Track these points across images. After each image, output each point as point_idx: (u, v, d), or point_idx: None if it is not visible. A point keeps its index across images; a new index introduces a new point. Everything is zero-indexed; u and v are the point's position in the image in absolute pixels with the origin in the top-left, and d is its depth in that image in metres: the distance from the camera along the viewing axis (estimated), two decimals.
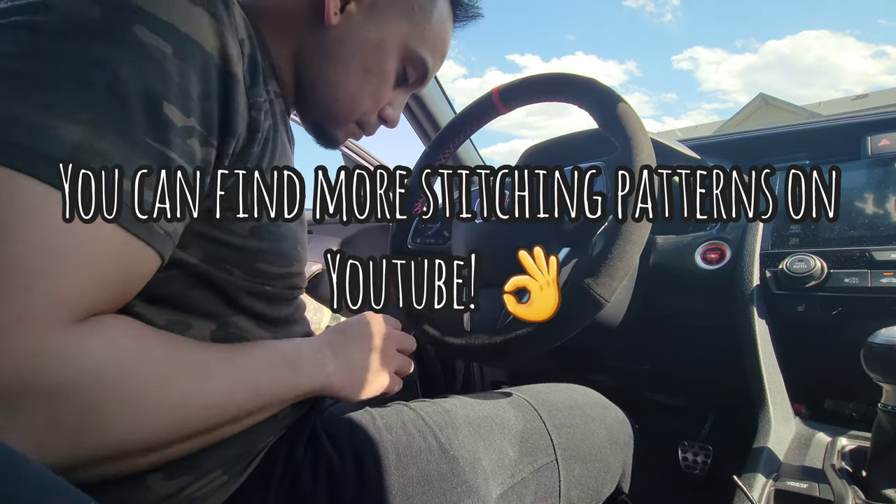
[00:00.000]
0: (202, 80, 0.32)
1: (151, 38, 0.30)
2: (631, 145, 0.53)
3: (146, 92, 0.29)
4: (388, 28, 0.48)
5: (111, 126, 0.28)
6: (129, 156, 0.28)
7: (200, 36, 0.32)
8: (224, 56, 0.33)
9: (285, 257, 0.43)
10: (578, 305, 0.51)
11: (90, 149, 0.27)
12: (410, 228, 0.80)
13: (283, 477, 0.43)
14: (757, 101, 16.17)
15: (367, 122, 0.53)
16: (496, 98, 0.70)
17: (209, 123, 0.33)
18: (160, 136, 0.30)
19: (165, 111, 0.30)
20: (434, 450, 0.48)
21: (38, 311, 0.25)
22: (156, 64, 0.30)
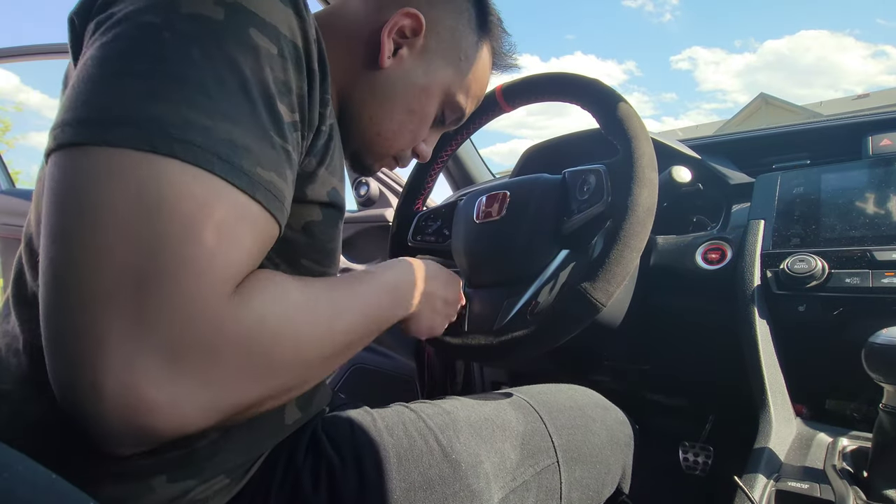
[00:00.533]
0: (298, 77, 0.35)
1: (262, 40, 0.32)
2: (632, 149, 0.53)
3: (265, 91, 0.32)
4: (435, 74, 0.52)
5: (249, 124, 0.31)
6: (264, 149, 0.32)
7: (293, 35, 0.35)
8: (308, 53, 0.36)
9: (329, 257, 0.46)
10: (575, 309, 0.51)
11: (241, 145, 0.31)
12: (411, 227, 0.80)
13: (283, 480, 0.43)
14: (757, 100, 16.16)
15: (402, 156, 0.57)
16: (499, 96, 0.70)
17: (304, 118, 0.36)
18: (280, 131, 0.33)
19: (279, 109, 0.33)
20: (435, 453, 0.47)
21: (220, 285, 0.29)
22: (267, 65, 0.33)
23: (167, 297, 0.27)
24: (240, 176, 0.30)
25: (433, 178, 0.81)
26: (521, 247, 0.64)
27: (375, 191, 1.41)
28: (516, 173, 1.05)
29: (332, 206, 0.44)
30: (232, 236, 0.30)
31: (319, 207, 0.42)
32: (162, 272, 0.27)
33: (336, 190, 0.44)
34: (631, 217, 0.51)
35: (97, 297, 0.27)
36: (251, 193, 0.31)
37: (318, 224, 0.42)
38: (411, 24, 0.49)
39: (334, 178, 0.43)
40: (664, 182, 0.68)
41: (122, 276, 0.27)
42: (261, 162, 0.32)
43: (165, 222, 0.28)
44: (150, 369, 0.27)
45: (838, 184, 0.68)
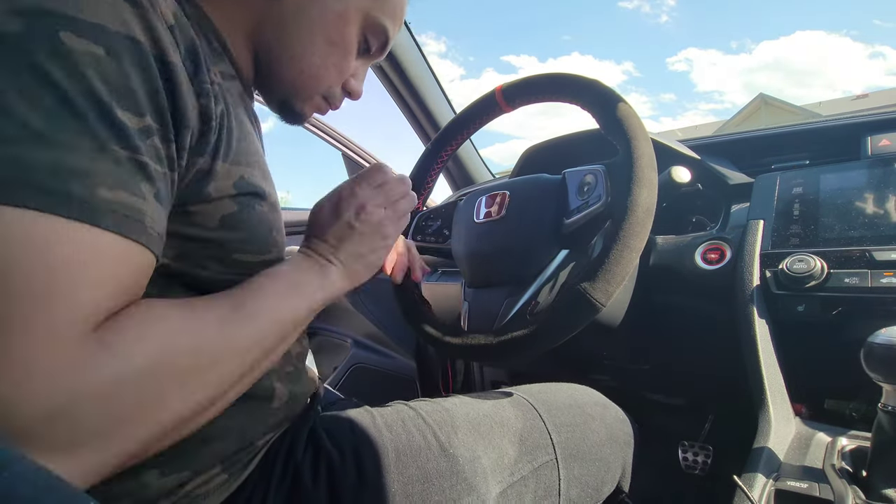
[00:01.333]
0: (143, 75, 0.31)
1: (78, 43, 0.28)
2: (631, 149, 0.53)
3: (95, 101, 0.28)
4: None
5: (79, 144, 0.28)
6: (104, 167, 0.28)
7: (128, 28, 0.30)
8: (157, 46, 0.32)
9: (263, 243, 0.42)
10: (575, 309, 0.51)
11: (69, 169, 0.27)
12: (411, 227, 0.80)
13: (283, 475, 0.44)
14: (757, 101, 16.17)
15: (332, 94, 0.51)
16: (499, 97, 0.70)
17: (164, 119, 0.32)
18: (125, 141, 0.29)
19: (119, 116, 0.29)
20: (433, 448, 0.48)
21: (62, 330, 0.26)
22: (92, 70, 0.28)
23: (5, 367, 0.24)
24: (69, 205, 0.26)
25: (434, 177, 0.81)
26: (520, 247, 0.64)
27: None
28: (516, 173, 1.05)
29: (245, 194, 0.39)
30: (73, 276, 0.26)
31: (230, 199, 0.38)
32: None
33: (245, 179, 0.40)
34: (630, 217, 0.51)
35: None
36: (93, 222, 0.27)
37: (234, 215, 0.39)
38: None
39: (240, 167, 0.39)
40: (664, 182, 0.68)
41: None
42: (101, 182, 0.28)
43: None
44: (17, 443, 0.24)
45: (837, 184, 0.68)
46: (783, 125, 0.88)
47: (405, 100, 1.26)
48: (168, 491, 0.37)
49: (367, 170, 0.50)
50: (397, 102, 1.28)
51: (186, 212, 0.36)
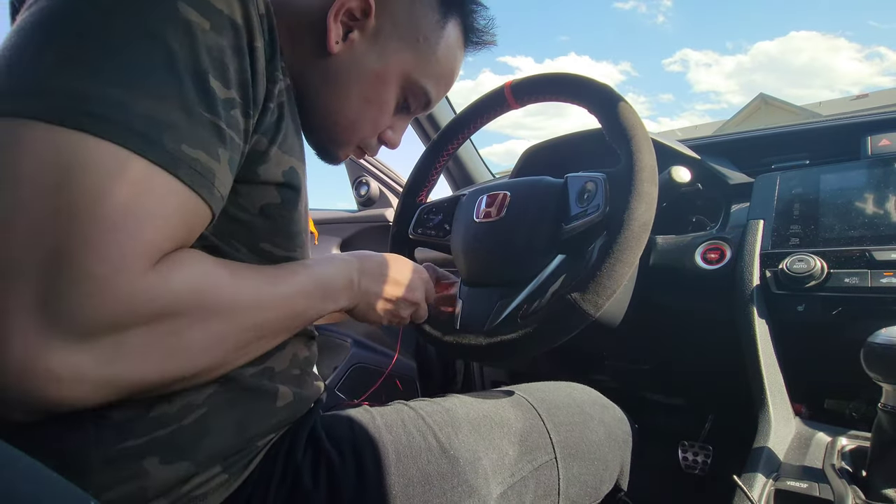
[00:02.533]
0: (236, 53, 0.34)
1: (191, 14, 0.32)
2: (633, 161, 0.53)
3: (195, 67, 0.32)
4: (390, 58, 0.48)
5: (174, 100, 0.31)
6: (191, 126, 0.31)
7: (230, 10, 0.34)
8: (250, 30, 0.35)
9: (291, 240, 0.44)
10: (564, 318, 0.51)
11: (163, 121, 0.30)
12: (412, 219, 0.80)
13: (283, 476, 0.43)
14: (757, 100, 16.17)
15: (367, 144, 0.54)
16: (508, 93, 0.70)
17: (246, 95, 0.35)
18: (212, 108, 0.33)
19: (211, 84, 0.32)
20: (434, 449, 0.48)
21: (129, 262, 0.29)
22: (198, 40, 0.32)
23: (72, 275, 0.27)
24: (158, 152, 0.30)
25: (438, 170, 0.81)
26: (517, 249, 0.64)
27: (375, 191, 1.41)
28: (516, 173, 1.05)
29: (289, 186, 0.42)
30: (143, 214, 0.29)
31: (276, 188, 0.41)
32: (69, 247, 0.27)
33: (294, 170, 0.42)
34: (625, 231, 0.51)
35: (1, 270, 0.27)
36: (172, 170, 0.30)
37: (276, 206, 0.41)
38: (359, 4, 0.46)
39: (291, 158, 0.42)
40: (663, 182, 0.68)
41: (27, 250, 0.27)
42: (185, 139, 0.31)
43: (69, 196, 0.27)
44: (51, 344, 0.27)
45: (837, 184, 0.68)
46: (783, 125, 0.88)
47: None
48: (170, 484, 0.36)
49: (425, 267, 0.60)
50: None
51: (234, 190, 0.38)
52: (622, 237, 0.50)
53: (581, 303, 0.50)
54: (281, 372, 0.45)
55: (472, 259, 0.69)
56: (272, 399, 0.44)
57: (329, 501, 0.43)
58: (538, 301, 0.60)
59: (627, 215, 0.51)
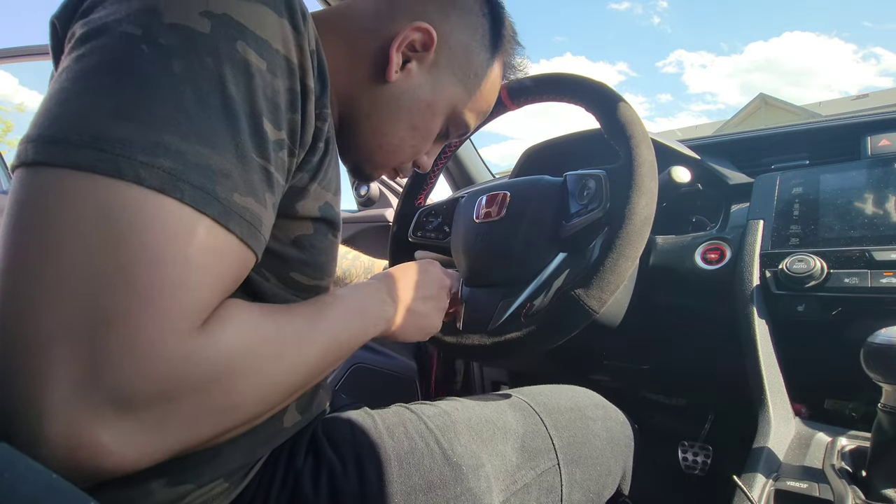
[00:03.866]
0: (289, 94, 0.33)
1: (250, 55, 0.31)
2: (633, 157, 0.53)
3: (251, 110, 0.31)
4: (442, 91, 0.50)
5: (228, 146, 0.30)
6: (243, 173, 0.30)
7: (286, 50, 0.33)
8: (303, 69, 0.34)
9: (320, 270, 0.44)
10: (568, 315, 0.51)
11: (218, 170, 0.29)
12: (412, 222, 0.80)
13: (283, 483, 0.43)
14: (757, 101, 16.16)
15: (403, 168, 0.55)
16: (504, 94, 0.70)
17: (294, 136, 0.35)
18: (263, 151, 0.32)
19: (264, 127, 0.32)
20: (436, 455, 0.47)
21: (183, 323, 0.28)
22: (255, 81, 0.31)
23: (123, 340, 0.26)
24: (212, 204, 0.29)
25: (436, 172, 0.81)
26: (519, 248, 0.64)
27: (375, 191, 1.41)
28: (516, 173, 1.05)
29: (324, 220, 0.42)
30: (200, 270, 0.28)
31: (310, 222, 0.41)
32: (119, 309, 0.26)
33: (329, 205, 0.42)
34: (627, 226, 0.51)
35: (46, 336, 0.25)
36: (225, 224, 0.29)
37: (308, 237, 0.41)
38: (422, 38, 0.46)
39: (328, 193, 0.42)
40: (663, 182, 0.68)
41: (75, 312, 0.25)
42: (238, 188, 0.30)
43: (125, 255, 0.26)
44: (98, 414, 0.25)
45: (837, 184, 0.68)
46: (783, 125, 0.88)
47: None
48: (170, 501, 0.36)
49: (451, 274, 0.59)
50: None
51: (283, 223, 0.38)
52: (624, 232, 0.50)
53: (585, 299, 0.50)
54: None
55: (473, 260, 0.69)
56: (280, 421, 0.44)
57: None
58: (541, 299, 0.60)
59: (629, 210, 0.51)
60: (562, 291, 0.53)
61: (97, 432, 0.25)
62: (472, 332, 0.59)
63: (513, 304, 0.61)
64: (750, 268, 0.66)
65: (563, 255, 0.62)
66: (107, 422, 0.26)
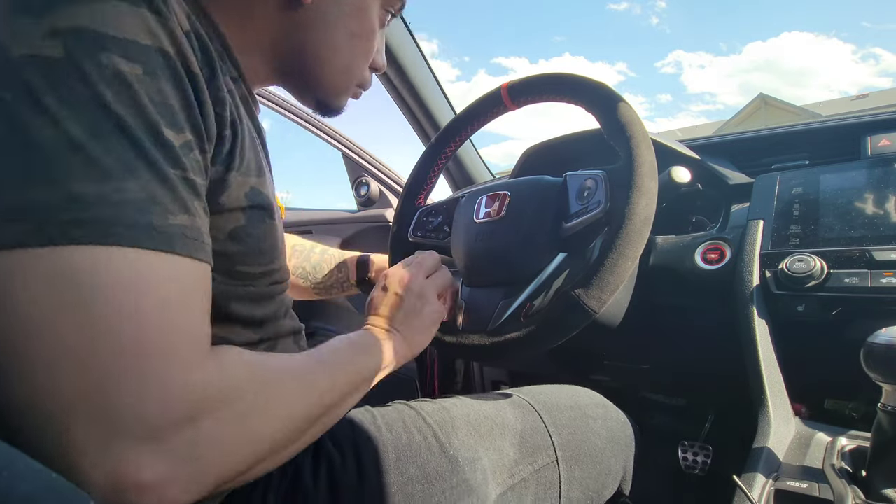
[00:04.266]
0: (177, 90, 0.31)
1: (121, 63, 0.28)
2: (633, 157, 0.53)
3: (146, 123, 0.29)
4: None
5: (140, 170, 0.28)
6: (166, 191, 0.29)
7: (158, 40, 0.30)
8: (182, 55, 0.31)
9: (266, 256, 0.42)
10: (568, 315, 0.51)
11: (143, 200, 0.28)
12: (412, 222, 0.80)
13: (282, 474, 0.43)
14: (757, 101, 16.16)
15: (364, 79, 0.52)
16: (504, 94, 0.70)
17: (198, 131, 0.32)
18: (175, 161, 0.30)
19: (166, 135, 0.29)
20: (434, 448, 0.48)
21: (188, 357, 0.28)
22: (138, 91, 0.28)
23: (135, 391, 0.26)
24: (152, 236, 0.28)
25: (436, 172, 0.81)
26: (518, 248, 0.64)
27: (375, 191, 1.41)
28: (516, 173, 1.05)
29: (254, 206, 0.40)
30: (173, 302, 0.28)
31: (241, 212, 0.39)
32: (118, 367, 0.26)
33: (255, 189, 0.40)
34: (627, 226, 0.51)
35: (61, 412, 0.25)
36: (171, 249, 0.28)
37: (243, 228, 0.39)
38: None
39: (250, 178, 0.39)
40: (663, 182, 0.68)
41: (78, 386, 0.25)
42: (168, 208, 0.29)
43: (94, 316, 0.26)
44: (134, 457, 0.26)
45: (837, 184, 0.68)
46: (783, 125, 0.88)
47: (405, 99, 1.25)
48: None
49: (407, 258, 0.58)
50: (397, 102, 1.27)
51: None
52: (624, 232, 0.50)
53: (585, 299, 0.50)
54: None
55: (473, 260, 0.69)
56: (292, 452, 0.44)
57: (329, 500, 0.43)
58: (541, 299, 0.60)
59: (629, 210, 0.51)
60: (562, 292, 0.53)
61: (138, 474, 0.26)
62: (472, 332, 0.59)
63: (513, 304, 0.61)
64: (750, 268, 0.66)
65: (563, 255, 0.62)
66: (144, 462, 0.26)
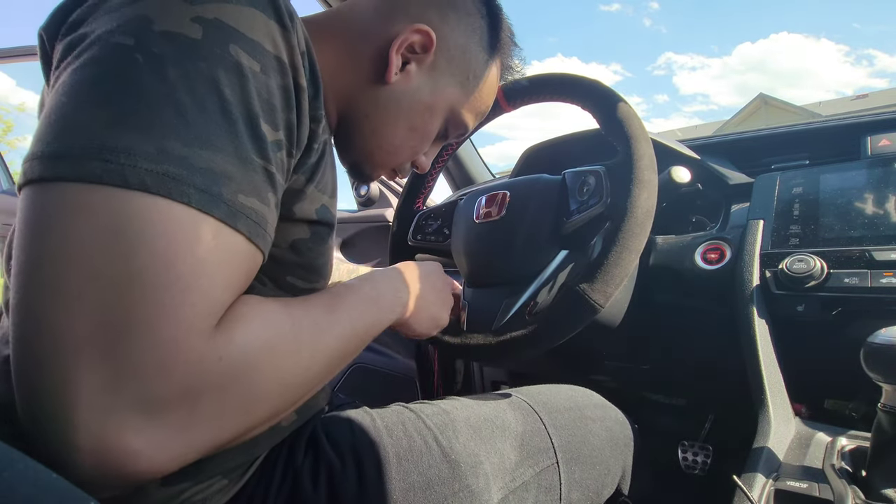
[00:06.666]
0: (283, 93, 0.34)
1: (243, 57, 0.31)
2: (632, 151, 0.53)
3: (248, 112, 0.31)
4: (441, 92, 0.50)
5: (228, 148, 0.30)
6: (245, 174, 0.31)
7: (277, 49, 0.33)
8: (294, 67, 0.34)
9: (317, 273, 0.44)
10: (573, 310, 0.51)
11: (221, 172, 0.29)
12: (411, 226, 0.80)
13: (282, 480, 0.43)
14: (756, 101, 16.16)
15: (402, 168, 0.55)
16: (500, 95, 0.70)
17: (291, 135, 0.35)
18: (262, 152, 0.32)
19: (262, 128, 0.32)
20: (435, 453, 0.47)
21: (200, 323, 0.28)
22: (249, 83, 0.31)
23: (144, 344, 0.26)
24: (219, 206, 0.29)
25: (434, 177, 0.81)
26: (520, 247, 0.64)
27: (375, 191, 1.41)
28: (516, 173, 1.05)
29: (321, 223, 0.42)
30: (212, 272, 0.29)
31: (307, 225, 0.41)
32: (138, 317, 0.26)
33: (325, 207, 0.42)
34: (630, 219, 0.51)
35: (68, 349, 0.25)
36: (232, 224, 0.30)
37: (305, 241, 0.41)
38: (421, 40, 0.46)
39: (324, 196, 0.42)
40: (663, 182, 0.68)
41: (94, 325, 0.26)
42: (242, 188, 0.30)
43: (139, 262, 0.26)
44: (126, 420, 0.26)
45: (837, 184, 0.68)
46: (783, 125, 0.88)
47: None
48: (167, 499, 0.37)
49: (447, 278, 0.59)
50: None
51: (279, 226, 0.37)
52: (627, 225, 0.50)
53: (590, 293, 0.50)
54: None
55: (474, 260, 0.69)
56: (279, 420, 0.44)
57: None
58: (545, 296, 0.60)
59: (630, 203, 0.51)
60: (566, 287, 0.53)
61: (127, 437, 0.26)
62: (477, 332, 0.59)
63: (516, 302, 0.61)
64: (750, 268, 0.66)
65: (565, 252, 0.62)
66: (136, 426, 0.26)
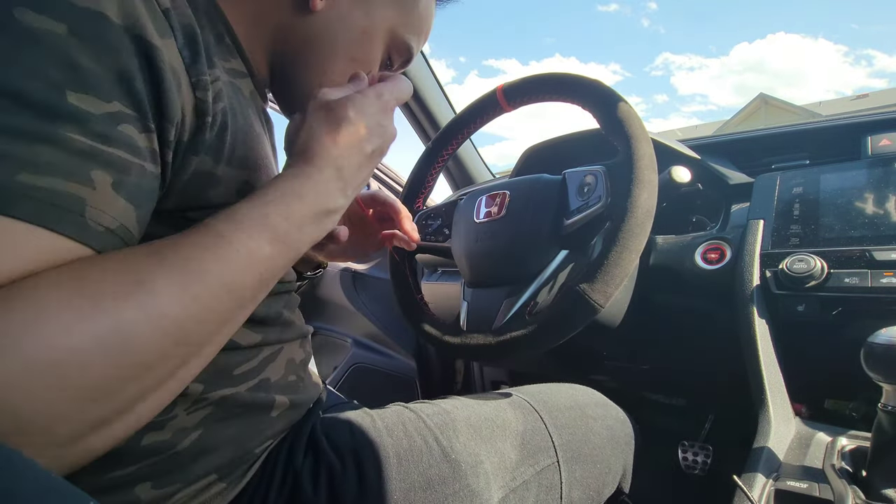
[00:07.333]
0: (113, 56, 0.28)
1: (37, 20, 0.26)
2: (632, 150, 0.53)
3: (42, 82, 0.26)
4: (376, 15, 0.46)
5: (8, 126, 0.25)
6: (33, 151, 0.25)
7: (99, 5, 0.28)
8: (138, 26, 0.29)
9: None
10: (573, 310, 0.51)
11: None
12: None
13: (282, 482, 0.43)
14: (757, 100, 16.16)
15: None
16: (500, 96, 0.70)
17: (140, 107, 0.29)
18: (73, 126, 0.26)
19: (72, 99, 0.26)
20: (435, 453, 0.47)
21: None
22: (50, 50, 0.26)
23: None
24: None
25: (434, 176, 0.81)
26: (520, 247, 0.64)
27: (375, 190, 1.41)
28: (516, 173, 1.05)
29: None
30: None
31: None
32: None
33: (251, 185, 0.38)
34: (630, 219, 0.51)
35: None
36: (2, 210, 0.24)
37: None
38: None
39: (245, 171, 0.37)
40: (664, 182, 0.68)
41: None
42: (24, 167, 0.25)
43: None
44: None
45: (837, 184, 0.68)
46: (783, 125, 0.88)
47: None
48: (158, 500, 0.36)
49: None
50: None
51: (186, 218, 0.34)
52: (627, 225, 0.50)
53: (590, 293, 0.50)
54: (276, 382, 0.45)
55: (475, 260, 0.69)
56: (268, 410, 0.43)
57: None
58: (545, 296, 0.60)
59: (631, 202, 0.51)
60: (566, 287, 0.53)
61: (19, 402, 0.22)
62: (477, 332, 0.59)
63: (517, 302, 0.61)
64: (750, 268, 0.66)
65: (565, 252, 0.62)
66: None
